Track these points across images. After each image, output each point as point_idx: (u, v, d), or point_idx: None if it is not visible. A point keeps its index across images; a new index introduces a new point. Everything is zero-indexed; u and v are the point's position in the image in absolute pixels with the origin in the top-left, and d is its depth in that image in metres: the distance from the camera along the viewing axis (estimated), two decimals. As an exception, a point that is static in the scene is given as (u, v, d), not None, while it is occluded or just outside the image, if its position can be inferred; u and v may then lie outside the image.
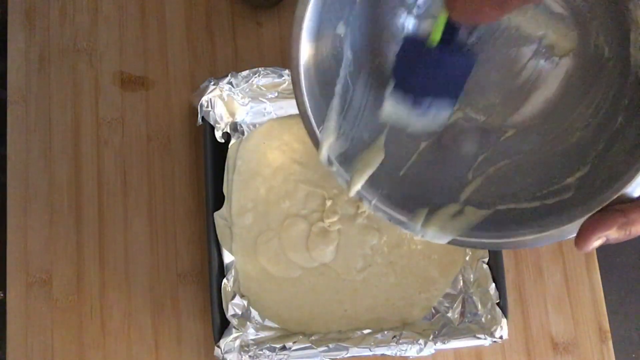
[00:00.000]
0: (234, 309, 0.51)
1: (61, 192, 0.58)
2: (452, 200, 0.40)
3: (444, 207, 0.39)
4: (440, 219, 0.39)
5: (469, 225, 0.38)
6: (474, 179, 0.41)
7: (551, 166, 0.40)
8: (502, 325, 0.50)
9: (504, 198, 0.40)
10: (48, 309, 0.56)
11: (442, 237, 0.38)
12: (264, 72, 0.54)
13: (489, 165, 0.42)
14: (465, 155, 0.43)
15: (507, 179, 0.41)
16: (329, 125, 0.39)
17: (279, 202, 0.55)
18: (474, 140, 0.44)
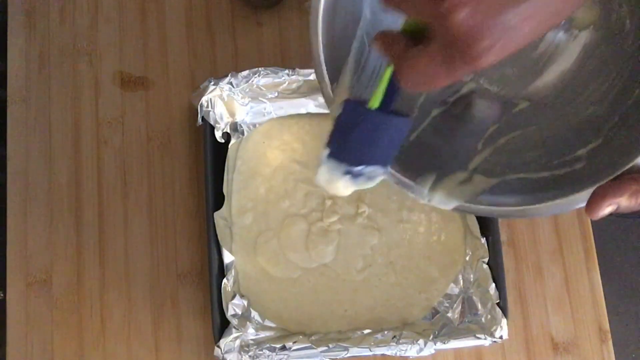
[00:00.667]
0: (234, 309, 0.51)
1: (61, 192, 0.58)
2: (461, 168, 0.39)
3: (452, 174, 0.38)
4: (448, 184, 0.38)
5: (476, 192, 0.37)
6: (484, 149, 0.41)
7: (563, 138, 0.40)
8: (502, 325, 0.50)
9: (513, 168, 0.39)
10: (48, 309, 0.56)
11: (448, 202, 0.37)
12: (264, 72, 0.54)
13: (499, 136, 0.42)
14: (476, 125, 0.43)
15: (518, 149, 0.41)
16: (343, 82, 0.38)
17: (279, 201, 0.55)
18: (486, 111, 0.43)
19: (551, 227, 0.58)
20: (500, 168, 0.39)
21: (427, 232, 0.55)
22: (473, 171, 0.39)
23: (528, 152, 0.40)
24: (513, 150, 0.41)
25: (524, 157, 0.40)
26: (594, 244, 0.58)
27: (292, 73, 0.54)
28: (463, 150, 0.41)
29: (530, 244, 0.58)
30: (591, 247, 0.58)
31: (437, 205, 0.37)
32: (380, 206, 0.55)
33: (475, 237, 0.53)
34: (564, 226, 0.58)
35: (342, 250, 0.55)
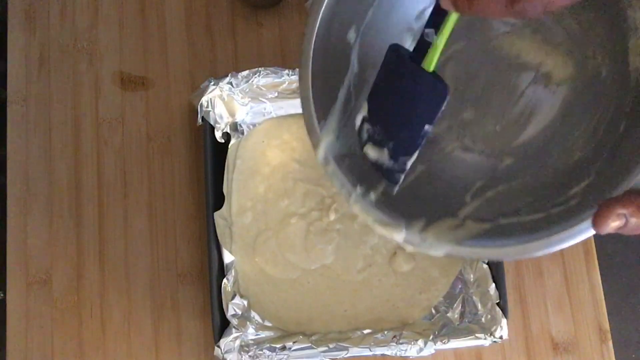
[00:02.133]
0: (234, 309, 0.51)
1: (61, 192, 0.58)
2: (450, 216, 0.39)
3: (442, 220, 0.38)
4: (439, 229, 0.38)
5: (468, 236, 0.37)
6: (472, 201, 0.41)
7: (553, 184, 0.40)
8: (502, 325, 0.50)
9: (505, 214, 0.39)
10: (48, 309, 0.56)
11: (438, 247, 0.36)
12: (264, 72, 0.54)
13: (487, 190, 0.42)
14: (461, 181, 0.43)
15: (507, 199, 0.41)
16: (329, 124, 0.39)
17: (278, 200, 0.55)
18: (471, 169, 0.44)
19: (551, 227, 0.58)
20: (492, 215, 0.39)
21: (427, 232, 0.55)
22: (464, 218, 0.39)
23: (518, 200, 0.40)
24: (502, 200, 0.41)
25: (515, 204, 0.40)
26: (594, 244, 0.58)
27: (292, 73, 0.54)
28: (450, 201, 0.41)
29: (530, 244, 0.58)
30: (591, 247, 0.58)
31: (426, 251, 0.36)
32: (380, 206, 0.55)
33: None
34: (564, 226, 0.58)
35: (342, 250, 0.55)
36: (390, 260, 0.54)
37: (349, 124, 0.40)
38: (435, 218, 0.38)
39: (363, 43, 0.41)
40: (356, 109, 0.41)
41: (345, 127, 0.39)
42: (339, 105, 0.40)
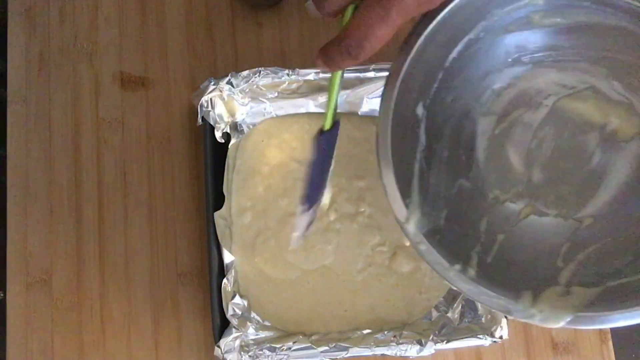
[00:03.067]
0: (234, 309, 0.51)
1: (61, 192, 0.58)
2: (553, 284, 0.39)
3: (547, 289, 0.38)
4: (549, 298, 0.37)
5: (582, 303, 0.36)
6: (566, 265, 0.41)
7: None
8: (502, 325, 0.50)
9: (609, 275, 0.38)
10: (48, 309, 0.56)
11: (557, 318, 0.35)
12: (264, 72, 0.54)
13: (576, 252, 0.41)
14: (546, 246, 0.43)
15: (604, 259, 0.40)
16: (414, 200, 0.39)
17: (277, 200, 0.55)
18: (551, 233, 0.44)
19: (551, 227, 0.58)
20: (596, 278, 0.38)
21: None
22: (567, 284, 0.39)
23: (617, 260, 0.40)
24: (599, 262, 0.40)
25: (614, 264, 0.39)
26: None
27: (292, 73, 0.54)
28: (544, 267, 0.41)
29: (530, 244, 0.58)
30: (591, 247, 0.58)
31: (546, 324, 0.36)
32: (381, 205, 0.55)
33: None
34: (564, 226, 0.58)
35: (342, 250, 0.55)
36: (391, 260, 0.54)
37: (428, 199, 0.40)
38: (539, 288, 0.38)
39: (428, 117, 0.42)
40: (431, 179, 0.42)
41: (425, 202, 0.39)
42: (416, 181, 0.40)
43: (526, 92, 0.46)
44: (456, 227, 0.42)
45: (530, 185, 0.46)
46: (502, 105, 0.46)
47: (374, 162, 0.56)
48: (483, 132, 0.46)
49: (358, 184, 0.55)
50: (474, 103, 0.45)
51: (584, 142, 0.45)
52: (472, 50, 0.42)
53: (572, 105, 0.45)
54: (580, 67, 0.44)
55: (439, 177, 0.43)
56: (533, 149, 0.46)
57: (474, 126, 0.46)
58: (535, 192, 0.45)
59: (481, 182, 0.46)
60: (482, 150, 0.46)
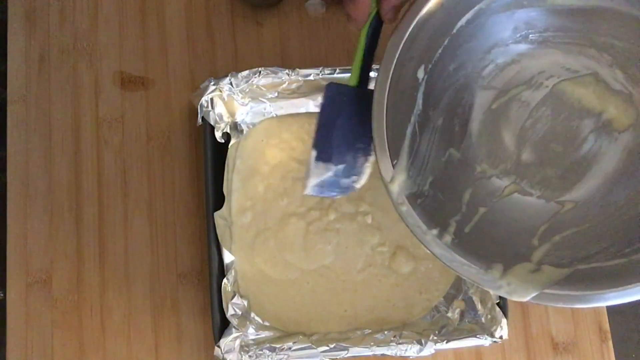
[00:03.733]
0: (234, 309, 0.51)
1: (61, 192, 0.58)
2: (525, 260, 0.39)
3: (519, 264, 0.38)
4: (519, 273, 0.38)
5: (550, 281, 0.37)
6: (541, 245, 0.41)
7: (628, 230, 0.40)
8: (502, 325, 0.50)
9: (581, 259, 0.39)
10: (48, 309, 0.56)
11: (524, 291, 0.36)
12: (264, 72, 0.54)
13: (553, 234, 0.42)
14: (525, 224, 0.43)
15: (579, 244, 0.41)
16: (401, 162, 0.39)
17: (277, 199, 0.55)
18: (531, 213, 0.44)
19: (551, 227, 0.58)
20: (568, 260, 0.39)
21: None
22: (539, 262, 0.39)
23: (591, 245, 0.40)
24: (574, 245, 0.41)
25: (588, 249, 0.40)
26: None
27: (292, 73, 0.54)
28: (520, 244, 0.41)
29: (530, 244, 0.58)
30: (591, 247, 0.58)
31: (511, 296, 0.37)
32: (381, 204, 0.55)
33: None
34: (564, 226, 0.58)
35: (342, 250, 0.55)
36: (391, 260, 0.54)
37: (416, 163, 0.41)
38: (511, 262, 0.38)
39: (428, 82, 0.42)
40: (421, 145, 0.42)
41: (412, 166, 0.40)
42: (407, 144, 0.40)
43: (528, 70, 0.46)
44: (439, 195, 0.42)
45: (519, 164, 0.46)
46: (503, 80, 0.46)
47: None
48: (480, 105, 0.46)
49: (358, 183, 0.56)
50: (475, 75, 0.45)
51: (578, 128, 0.45)
52: (481, 21, 0.42)
53: (572, 89, 0.45)
54: (586, 52, 0.44)
55: (430, 143, 0.43)
56: (527, 128, 0.46)
57: (472, 98, 0.46)
58: (522, 171, 0.45)
59: (471, 154, 0.46)
60: (477, 123, 0.46)
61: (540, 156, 0.46)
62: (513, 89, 0.46)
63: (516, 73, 0.46)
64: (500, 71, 0.46)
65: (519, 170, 0.45)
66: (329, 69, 0.54)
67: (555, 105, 0.46)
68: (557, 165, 0.45)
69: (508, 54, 0.45)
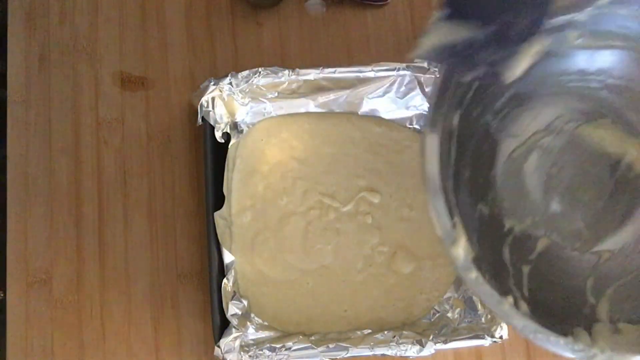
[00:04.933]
0: (234, 308, 0.51)
1: (61, 192, 0.58)
2: (595, 320, 0.38)
3: (594, 325, 0.37)
4: (603, 336, 0.36)
5: (637, 340, 0.35)
6: (599, 302, 0.40)
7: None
8: (502, 325, 0.50)
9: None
10: (48, 309, 0.56)
11: (623, 357, 0.34)
12: (264, 72, 0.54)
13: (603, 287, 0.41)
14: (572, 281, 0.42)
15: (634, 294, 0.39)
16: (457, 222, 0.36)
17: (277, 199, 0.55)
18: (573, 267, 0.42)
19: (551, 227, 0.58)
20: (636, 313, 0.38)
21: (427, 232, 0.55)
22: (612, 322, 0.38)
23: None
24: (631, 296, 0.40)
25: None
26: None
27: (292, 73, 0.54)
28: (578, 303, 0.40)
29: (530, 244, 0.58)
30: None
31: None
32: (381, 204, 0.55)
33: None
34: (564, 226, 0.58)
35: (342, 250, 0.54)
36: (391, 261, 0.54)
37: (464, 223, 0.37)
38: (586, 324, 0.36)
39: (459, 131, 0.40)
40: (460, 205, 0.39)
41: (464, 226, 0.37)
42: (453, 201, 0.37)
43: (545, 116, 0.44)
44: (487, 255, 0.39)
45: (546, 215, 0.44)
46: (522, 127, 0.44)
47: (373, 162, 0.57)
48: (501, 153, 0.45)
49: (358, 183, 0.55)
50: (494, 121, 0.43)
51: (602, 174, 0.44)
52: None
53: (591, 133, 0.44)
54: (601, 95, 0.43)
55: (464, 199, 0.41)
56: (550, 176, 0.44)
57: (493, 146, 0.44)
58: (550, 222, 0.44)
59: (497, 207, 0.44)
60: (500, 174, 0.45)
61: (568, 206, 0.44)
62: (532, 136, 0.44)
63: (532, 119, 0.44)
64: (518, 117, 0.44)
65: (548, 222, 0.44)
66: (329, 69, 0.54)
67: (576, 151, 0.44)
68: (585, 214, 0.44)
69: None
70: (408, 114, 0.57)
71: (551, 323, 0.35)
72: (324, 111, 0.57)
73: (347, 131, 0.56)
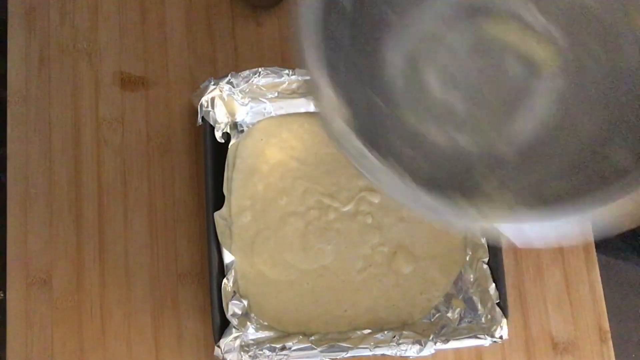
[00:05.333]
0: (234, 308, 0.51)
1: (61, 192, 0.58)
2: (477, 191, 0.38)
3: (474, 193, 0.37)
4: (479, 200, 0.36)
5: (510, 204, 0.35)
6: (486, 181, 0.40)
7: (572, 162, 0.39)
8: (502, 325, 0.50)
9: (533, 185, 0.38)
10: (48, 309, 0.56)
11: (495, 214, 0.34)
12: (264, 72, 0.54)
13: (490, 173, 0.41)
14: (460, 168, 0.42)
15: (518, 179, 0.40)
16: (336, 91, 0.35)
17: (277, 199, 0.55)
18: (465, 156, 0.43)
19: (551, 227, 0.58)
20: (513, 193, 0.38)
21: (427, 232, 0.55)
22: (495, 188, 0.38)
23: (552, 183, 0.39)
24: (514, 181, 0.40)
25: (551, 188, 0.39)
26: (594, 244, 0.58)
27: (292, 73, 0.54)
28: (466, 181, 0.40)
29: (530, 244, 0.58)
30: (591, 247, 0.58)
31: (483, 222, 0.34)
32: (381, 204, 0.55)
33: (475, 237, 0.53)
34: (564, 226, 0.58)
35: (341, 250, 0.55)
36: (391, 261, 0.54)
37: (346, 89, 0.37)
38: (467, 192, 0.36)
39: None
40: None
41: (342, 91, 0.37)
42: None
43: (449, 13, 0.43)
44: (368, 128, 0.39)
45: (449, 109, 0.43)
46: (424, 16, 0.43)
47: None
48: (397, 43, 0.43)
49: (358, 183, 0.56)
50: (388, 10, 0.43)
51: (507, 72, 0.43)
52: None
53: (497, 33, 0.43)
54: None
55: (350, 80, 0.40)
56: (455, 72, 0.44)
57: (388, 34, 0.43)
58: (453, 116, 0.43)
59: (386, 97, 0.43)
60: (397, 59, 0.43)
61: (472, 102, 0.43)
62: (435, 28, 0.43)
63: (429, 8, 0.43)
64: (414, 6, 0.43)
65: (450, 116, 0.43)
66: (329, 69, 0.54)
67: (482, 49, 0.44)
68: (488, 110, 0.43)
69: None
70: (408, 114, 0.57)
71: (430, 188, 0.35)
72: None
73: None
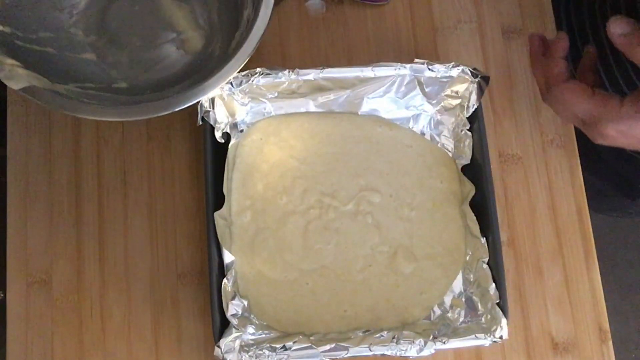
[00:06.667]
0: (234, 308, 0.51)
1: (61, 192, 0.58)
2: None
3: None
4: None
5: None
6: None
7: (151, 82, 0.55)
8: (502, 325, 0.50)
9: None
10: (48, 309, 0.56)
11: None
12: (264, 72, 0.54)
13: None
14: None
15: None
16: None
17: (276, 198, 0.55)
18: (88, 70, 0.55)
19: (551, 227, 0.58)
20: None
21: (427, 232, 0.55)
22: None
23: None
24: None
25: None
26: (594, 244, 0.58)
27: (292, 73, 0.54)
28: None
29: (530, 244, 0.58)
30: (591, 247, 0.58)
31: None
32: (381, 204, 0.55)
33: (475, 237, 0.53)
34: (564, 226, 0.58)
35: (341, 250, 0.55)
36: (391, 260, 0.54)
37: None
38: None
39: None
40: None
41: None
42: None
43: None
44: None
45: (100, 40, 0.56)
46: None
47: (374, 161, 0.57)
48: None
49: (358, 182, 0.56)
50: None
51: (160, 35, 0.56)
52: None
53: (169, 6, 0.56)
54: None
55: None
56: (110, 14, 0.56)
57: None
58: (100, 46, 0.56)
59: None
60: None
61: (118, 42, 0.55)
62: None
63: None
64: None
65: (98, 46, 0.55)
66: (329, 69, 0.54)
67: (147, 9, 0.56)
68: (129, 53, 0.55)
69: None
70: (408, 114, 0.57)
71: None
72: (324, 111, 0.57)
73: (347, 131, 0.57)
